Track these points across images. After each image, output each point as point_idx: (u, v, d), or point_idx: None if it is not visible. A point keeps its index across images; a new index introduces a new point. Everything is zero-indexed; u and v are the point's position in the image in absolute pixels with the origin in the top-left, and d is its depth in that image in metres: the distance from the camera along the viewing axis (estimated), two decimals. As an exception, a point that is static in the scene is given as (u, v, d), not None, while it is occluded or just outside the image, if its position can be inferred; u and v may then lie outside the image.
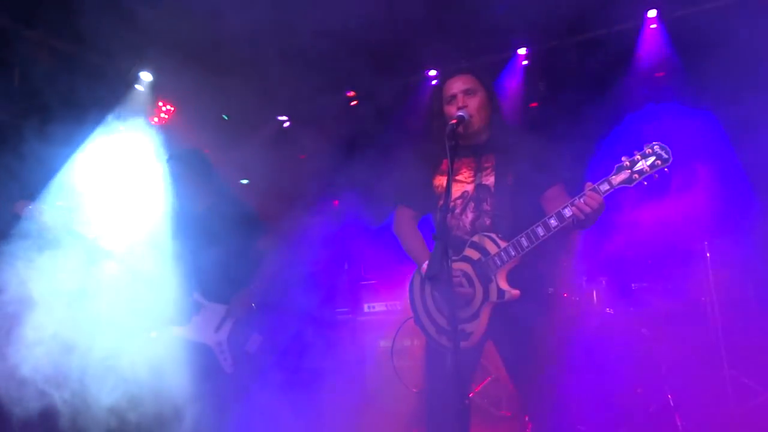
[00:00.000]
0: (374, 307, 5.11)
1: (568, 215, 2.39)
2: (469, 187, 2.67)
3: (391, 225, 2.94)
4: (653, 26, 5.25)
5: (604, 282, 4.50)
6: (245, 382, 3.28)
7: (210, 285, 3.31)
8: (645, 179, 2.34)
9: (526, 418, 3.84)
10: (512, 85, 5.72)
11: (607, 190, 2.37)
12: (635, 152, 2.36)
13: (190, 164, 3.49)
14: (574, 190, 2.48)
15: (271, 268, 3.47)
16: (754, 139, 4.29)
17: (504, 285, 2.47)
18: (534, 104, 5.88)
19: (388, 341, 4.47)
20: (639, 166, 2.34)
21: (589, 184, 2.38)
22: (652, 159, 2.33)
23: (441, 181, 2.72)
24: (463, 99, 2.65)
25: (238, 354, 3.32)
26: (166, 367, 3.22)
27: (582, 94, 5.20)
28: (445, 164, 2.69)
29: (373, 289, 5.17)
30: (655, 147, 2.34)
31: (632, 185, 2.36)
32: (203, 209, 3.46)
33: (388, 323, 4.66)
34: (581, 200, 2.36)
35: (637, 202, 4.20)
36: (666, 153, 2.33)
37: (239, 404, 3.22)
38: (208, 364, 3.24)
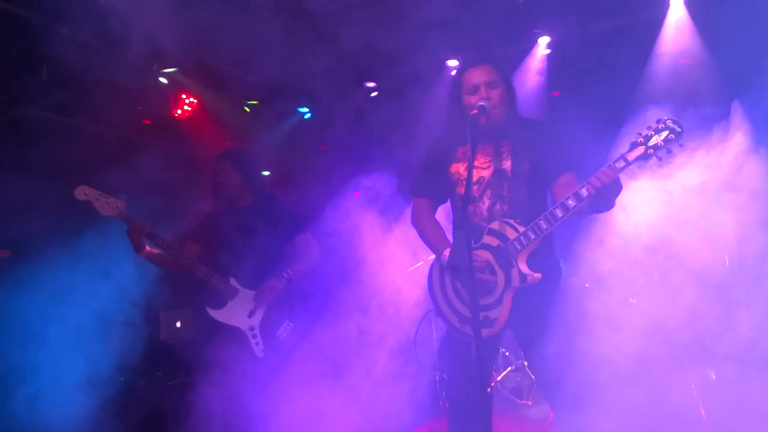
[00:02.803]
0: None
1: (585, 195, 2.40)
2: (486, 173, 2.67)
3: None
4: (678, 13, 5.16)
5: (626, 272, 4.46)
6: (275, 367, 3.36)
7: (246, 272, 3.46)
8: (659, 154, 2.34)
9: (548, 407, 3.85)
10: (534, 74, 5.68)
11: (623, 166, 2.37)
12: (648, 127, 2.37)
13: (237, 164, 3.70)
14: (586, 178, 2.48)
15: (308, 261, 3.64)
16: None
17: (525, 269, 2.47)
18: (556, 93, 5.83)
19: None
20: (653, 141, 2.35)
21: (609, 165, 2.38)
22: (665, 133, 2.34)
23: (457, 168, 2.73)
24: (486, 91, 2.65)
25: (270, 340, 3.43)
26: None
27: (605, 82, 5.14)
28: (461, 151, 2.71)
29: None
30: (667, 121, 2.35)
31: (647, 161, 2.36)
32: (245, 205, 3.65)
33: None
34: (595, 177, 2.38)
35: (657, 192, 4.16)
36: (679, 127, 2.34)
37: (268, 388, 3.29)
38: (239, 348, 3.35)
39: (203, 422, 3.17)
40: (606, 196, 2.40)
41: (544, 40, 5.64)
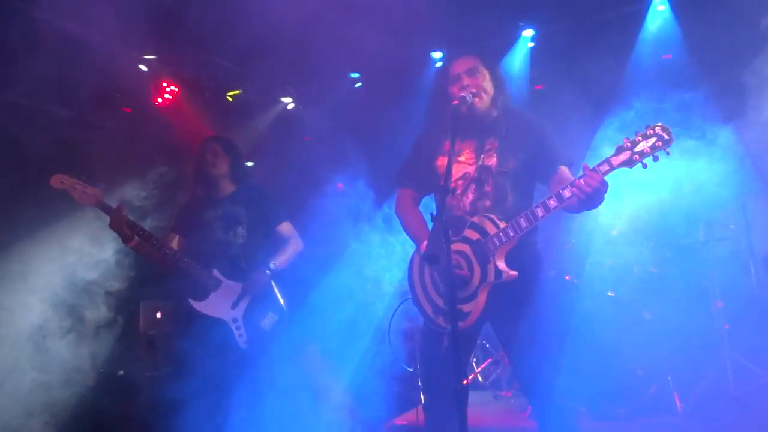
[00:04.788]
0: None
1: (567, 196, 2.37)
2: (471, 169, 2.66)
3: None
4: (661, 8, 5.19)
5: (606, 265, 4.50)
6: (259, 358, 3.36)
7: (228, 263, 3.43)
8: (645, 161, 2.32)
9: (527, 400, 3.88)
10: (518, 67, 5.68)
11: (608, 171, 2.34)
12: (637, 133, 2.34)
13: (227, 149, 3.65)
14: (578, 171, 2.46)
15: (290, 252, 3.62)
16: (757, 122, 4.27)
17: (502, 266, 2.47)
18: (539, 86, 5.84)
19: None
20: (640, 147, 2.31)
21: (587, 166, 2.36)
22: (653, 140, 2.30)
23: (443, 161, 2.71)
24: (467, 79, 2.64)
25: (253, 331, 3.41)
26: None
27: (588, 76, 5.16)
28: (447, 145, 2.68)
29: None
30: (656, 128, 2.30)
31: (632, 167, 2.33)
32: (228, 193, 3.60)
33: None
34: (581, 180, 2.35)
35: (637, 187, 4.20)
36: (667, 135, 2.30)
37: (251, 380, 3.28)
38: (223, 340, 3.33)
39: (185, 414, 3.14)
40: (590, 198, 2.37)
41: (528, 33, 5.64)
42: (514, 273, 2.45)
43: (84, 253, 4.21)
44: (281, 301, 3.53)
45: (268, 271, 3.47)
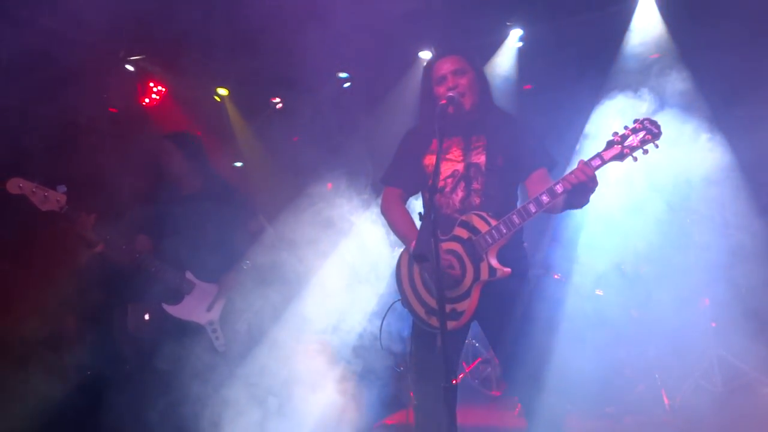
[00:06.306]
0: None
1: (559, 191, 2.39)
2: (459, 166, 2.67)
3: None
4: (648, 7, 5.23)
5: (594, 264, 4.52)
6: (237, 360, 3.30)
7: (201, 264, 3.32)
8: (635, 154, 2.35)
9: (516, 399, 3.90)
10: (506, 67, 5.69)
11: (599, 165, 2.37)
12: (625, 127, 2.37)
13: (181, 145, 3.50)
14: (558, 173, 2.49)
15: (264, 246, 3.51)
16: (749, 118, 4.32)
17: (495, 263, 2.47)
18: (528, 86, 5.86)
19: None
20: (629, 141, 2.34)
21: (582, 160, 2.39)
22: (642, 134, 2.34)
23: (431, 160, 2.72)
24: (453, 79, 2.65)
25: (230, 333, 3.34)
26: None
27: (575, 76, 5.19)
28: (435, 144, 2.69)
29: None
30: (645, 122, 2.35)
31: (623, 161, 2.36)
32: (193, 191, 3.47)
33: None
34: (572, 174, 2.37)
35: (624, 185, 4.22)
36: (656, 128, 2.34)
37: (230, 382, 3.24)
38: (200, 343, 3.25)
39: (165, 418, 3.11)
40: (581, 194, 2.39)
41: (516, 33, 5.65)
42: (508, 270, 2.46)
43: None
44: (259, 300, 3.44)
45: (242, 271, 3.38)
